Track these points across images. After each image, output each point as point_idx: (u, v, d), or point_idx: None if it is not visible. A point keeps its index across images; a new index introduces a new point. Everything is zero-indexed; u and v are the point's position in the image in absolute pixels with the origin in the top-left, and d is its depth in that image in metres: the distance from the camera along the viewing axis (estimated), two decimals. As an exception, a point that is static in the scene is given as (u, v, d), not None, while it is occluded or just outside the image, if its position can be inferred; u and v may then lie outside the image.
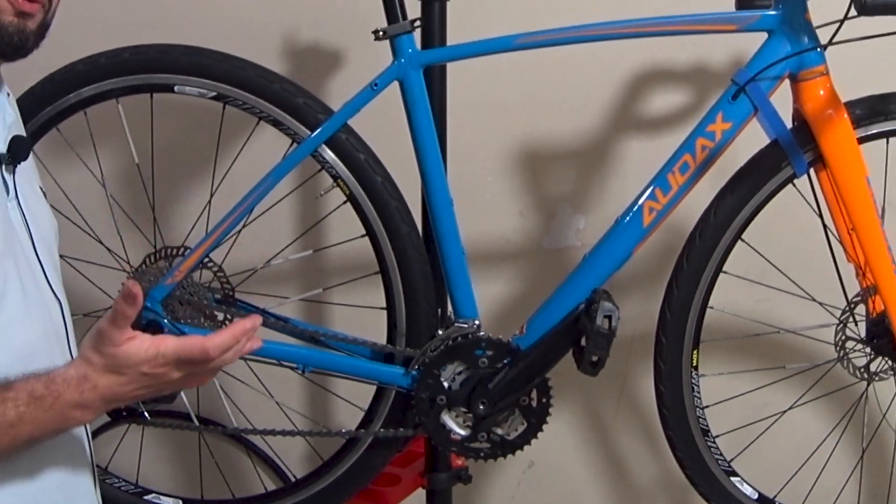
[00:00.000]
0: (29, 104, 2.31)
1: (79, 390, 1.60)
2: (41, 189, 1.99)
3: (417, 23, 2.30)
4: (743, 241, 2.35)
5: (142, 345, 1.61)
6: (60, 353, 1.86)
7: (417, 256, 2.36)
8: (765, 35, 2.24)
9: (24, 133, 1.90)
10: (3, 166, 1.80)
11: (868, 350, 2.38)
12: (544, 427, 2.37)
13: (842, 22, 2.11)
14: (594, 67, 2.84)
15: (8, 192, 1.80)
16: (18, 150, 1.83)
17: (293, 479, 2.65)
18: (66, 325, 1.91)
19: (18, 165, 1.83)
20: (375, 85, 2.26)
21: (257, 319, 1.72)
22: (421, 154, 2.30)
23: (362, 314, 2.60)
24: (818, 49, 2.20)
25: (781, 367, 2.76)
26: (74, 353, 1.90)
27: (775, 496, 2.50)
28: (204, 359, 1.63)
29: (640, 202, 2.30)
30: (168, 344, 1.62)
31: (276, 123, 2.31)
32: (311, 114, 2.31)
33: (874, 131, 2.30)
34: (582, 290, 2.32)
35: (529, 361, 2.32)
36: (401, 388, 2.37)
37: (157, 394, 1.68)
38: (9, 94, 1.94)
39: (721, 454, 2.44)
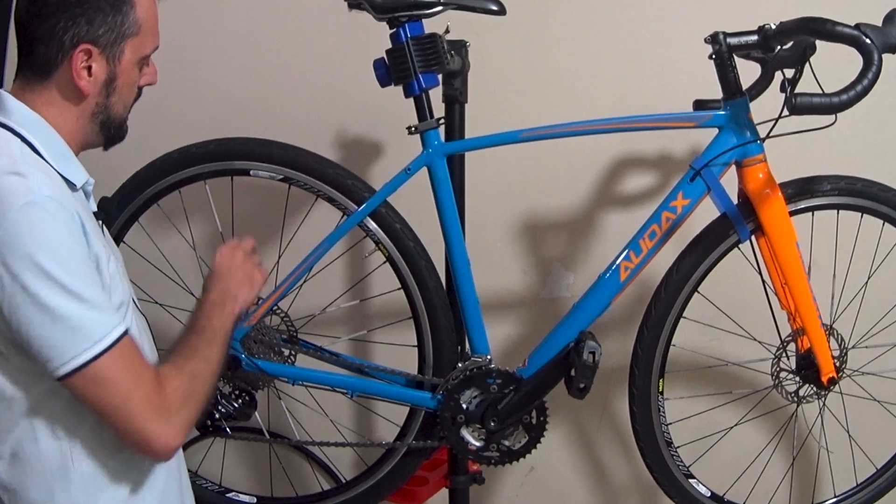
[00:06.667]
0: (134, 185, 2.34)
1: (219, 305, 1.74)
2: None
3: (442, 120, 2.28)
4: (699, 293, 2.34)
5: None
6: (151, 347, 1.88)
7: (442, 305, 2.33)
8: (716, 130, 2.22)
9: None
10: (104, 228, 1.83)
11: (797, 379, 2.37)
12: (542, 440, 2.35)
13: (777, 120, 2.10)
14: (582, 155, 2.80)
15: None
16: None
17: (344, 481, 2.63)
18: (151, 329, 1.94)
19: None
20: (409, 170, 2.24)
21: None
22: (445, 224, 2.27)
23: (398, 351, 2.58)
24: (758, 141, 2.20)
25: (729, 392, 2.78)
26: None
27: (724, 494, 2.47)
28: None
29: (618, 262, 2.28)
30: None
31: (330, 200, 2.27)
32: (357, 192, 2.28)
33: (802, 206, 2.32)
34: (572, 331, 2.30)
35: (530, 388, 2.29)
36: (428, 409, 2.34)
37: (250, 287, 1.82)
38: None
39: (682, 461, 2.43)
